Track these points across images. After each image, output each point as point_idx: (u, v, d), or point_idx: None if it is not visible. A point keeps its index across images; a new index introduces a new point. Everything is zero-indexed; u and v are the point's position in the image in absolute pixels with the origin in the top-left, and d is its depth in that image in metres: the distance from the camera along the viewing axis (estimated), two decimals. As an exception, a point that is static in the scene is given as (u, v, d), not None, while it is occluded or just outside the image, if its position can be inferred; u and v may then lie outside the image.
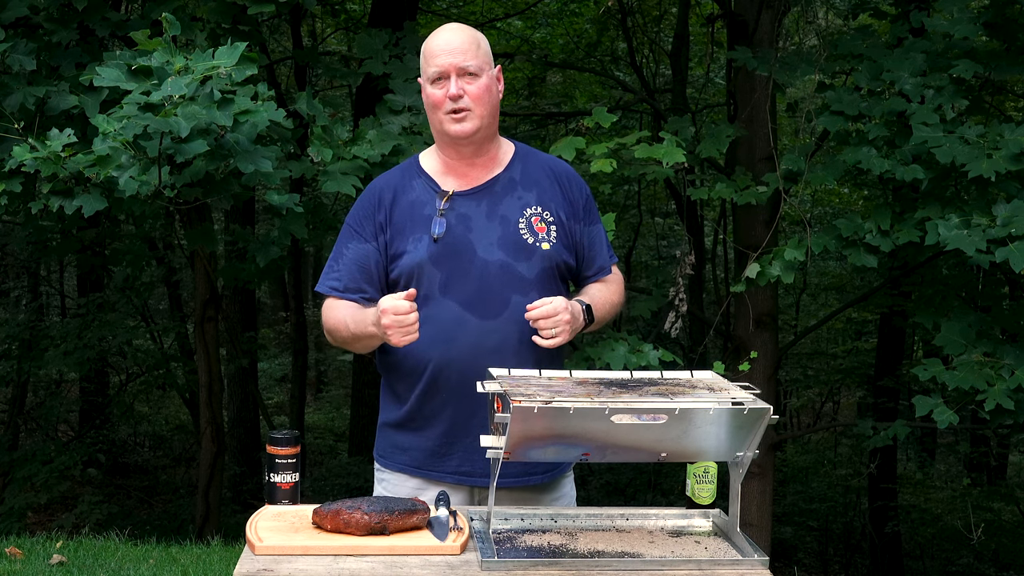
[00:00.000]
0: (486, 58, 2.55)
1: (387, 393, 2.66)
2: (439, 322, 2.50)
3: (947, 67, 5.07)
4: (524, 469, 2.56)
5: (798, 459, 13.07)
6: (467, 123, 2.52)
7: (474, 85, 2.51)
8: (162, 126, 3.87)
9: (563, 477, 2.69)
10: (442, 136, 2.58)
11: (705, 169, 6.46)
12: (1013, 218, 4.67)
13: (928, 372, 5.02)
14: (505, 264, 2.53)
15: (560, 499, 2.68)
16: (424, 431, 2.58)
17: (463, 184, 2.59)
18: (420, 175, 2.63)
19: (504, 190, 2.60)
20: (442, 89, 2.51)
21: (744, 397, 2.16)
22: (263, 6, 4.77)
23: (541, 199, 2.60)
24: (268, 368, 15.05)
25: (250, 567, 2.07)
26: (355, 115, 8.01)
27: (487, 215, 2.56)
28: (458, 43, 2.52)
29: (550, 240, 2.57)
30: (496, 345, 2.49)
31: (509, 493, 2.56)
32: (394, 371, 2.61)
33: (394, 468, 2.64)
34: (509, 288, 2.51)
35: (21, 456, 9.58)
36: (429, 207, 2.56)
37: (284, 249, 5.31)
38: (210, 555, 5.51)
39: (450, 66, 2.50)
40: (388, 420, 2.65)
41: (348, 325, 2.54)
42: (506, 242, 2.55)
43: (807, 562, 11.07)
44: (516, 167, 2.64)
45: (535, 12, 10.78)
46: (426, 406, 2.56)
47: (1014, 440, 12.02)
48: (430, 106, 2.56)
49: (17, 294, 12.56)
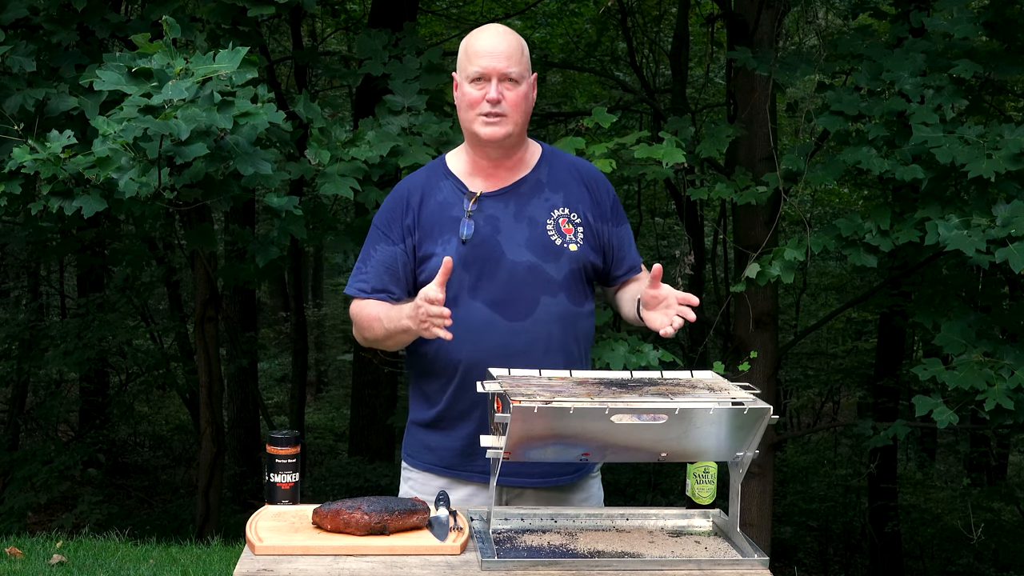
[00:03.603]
0: (527, 65, 2.56)
1: (416, 393, 2.67)
2: (468, 323, 2.50)
3: (947, 67, 5.07)
4: (551, 469, 2.56)
5: (798, 459, 13.07)
6: (500, 128, 2.51)
7: (513, 92, 2.51)
8: (162, 129, 3.87)
9: (590, 478, 2.68)
10: (472, 136, 2.57)
11: (705, 169, 6.47)
12: (1013, 218, 4.67)
13: (928, 372, 5.02)
14: (533, 265, 2.53)
15: (588, 500, 2.67)
16: (453, 431, 2.58)
17: (491, 185, 2.59)
18: (447, 176, 2.62)
19: (531, 191, 2.60)
20: (481, 90, 2.50)
21: (744, 397, 2.16)
22: (263, 8, 4.77)
23: (568, 200, 2.61)
24: (268, 368, 15.05)
25: (250, 567, 2.07)
26: (355, 115, 8.01)
27: (515, 216, 2.57)
28: (504, 47, 2.51)
29: (577, 241, 2.58)
30: (525, 346, 2.50)
31: (536, 493, 2.58)
32: (424, 372, 2.62)
33: (422, 467, 2.65)
34: (537, 289, 2.52)
35: (21, 456, 9.58)
36: (457, 208, 2.57)
37: (283, 250, 5.31)
38: (210, 555, 5.51)
39: (493, 69, 2.49)
40: (417, 419, 2.66)
41: (382, 321, 2.54)
42: (534, 243, 2.55)
43: (807, 562, 11.07)
44: (543, 169, 2.64)
45: (535, 12, 10.78)
46: (455, 406, 2.56)
47: (1014, 440, 12.01)
48: (464, 104, 2.54)
49: (17, 294, 12.56)
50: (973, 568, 10.59)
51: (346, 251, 5.38)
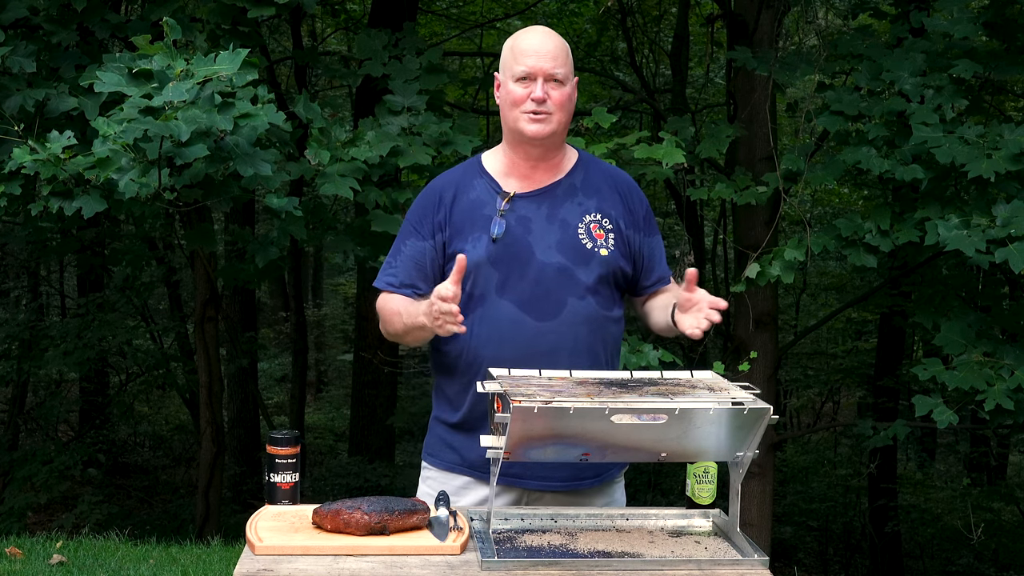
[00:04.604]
0: (571, 68, 2.58)
1: (439, 392, 2.67)
2: (495, 322, 2.51)
3: (947, 67, 5.07)
4: (573, 473, 2.56)
5: (798, 459, 13.07)
6: (545, 125, 2.53)
7: (558, 92, 2.53)
8: (162, 130, 3.87)
9: (614, 482, 2.68)
10: (515, 134, 2.57)
11: (705, 169, 6.47)
12: (1013, 218, 4.67)
13: (928, 372, 5.02)
14: (563, 267, 2.54)
15: (611, 504, 2.66)
16: (477, 431, 2.56)
17: (525, 186, 2.60)
18: (482, 175, 2.63)
19: (565, 195, 2.61)
20: (526, 89, 2.52)
21: (744, 397, 2.16)
22: (263, 8, 4.77)
23: (601, 207, 2.62)
24: (268, 368, 15.04)
25: (250, 567, 2.07)
26: (355, 115, 8.01)
27: (547, 218, 2.57)
28: (551, 47, 2.53)
29: (608, 247, 2.58)
30: (551, 347, 2.49)
31: (556, 496, 2.57)
32: (448, 370, 2.61)
33: (442, 466, 2.64)
34: (566, 291, 2.52)
35: (21, 456, 9.58)
36: (489, 207, 2.57)
37: (283, 250, 5.31)
38: (210, 555, 5.52)
39: (540, 69, 2.51)
40: (441, 418, 2.66)
41: (401, 316, 2.55)
42: (565, 246, 2.55)
43: (807, 562, 11.07)
44: (578, 174, 2.65)
45: (535, 12, 10.78)
46: (479, 406, 2.55)
47: (1014, 440, 12.02)
48: (508, 102, 2.55)
49: (17, 294, 12.56)
50: (973, 568, 10.59)
51: (346, 251, 5.38)
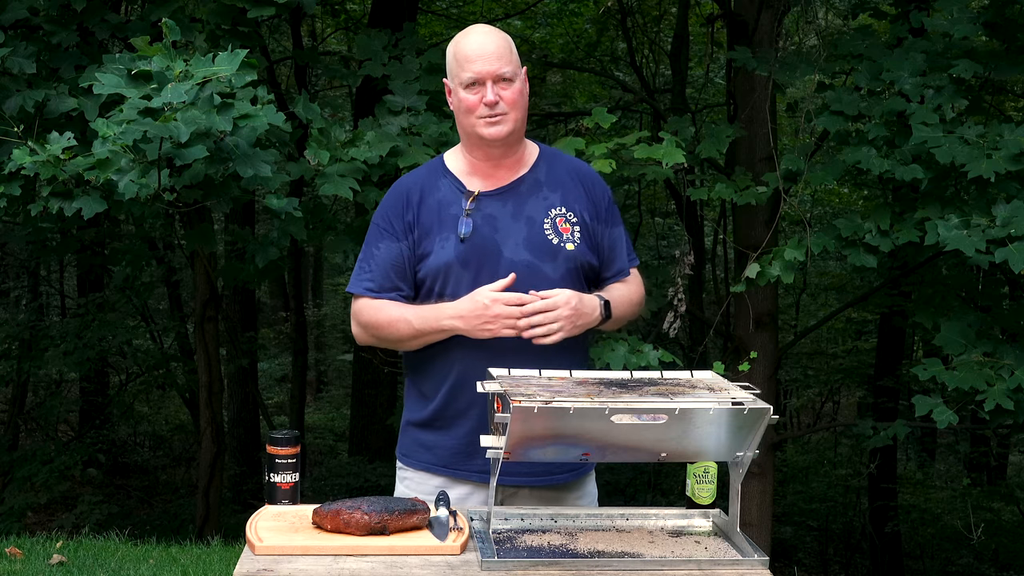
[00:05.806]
0: (518, 61, 2.57)
1: (413, 392, 2.67)
2: None
3: (947, 67, 5.06)
4: (548, 468, 2.56)
5: (798, 459, 13.07)
6: (502, 126, 2.53)
7: (509, 90, 2.52)
8: (162, 131, 3.87)
9: (587, 476, 2.69)
10: (473, 139, 2.58)
11: (705, 169, 6.46)
12: (1013, 218, 4.67)
13: (928, 372, 5.01)
14: (531, 264, 2.54)
15: (583, 498, 2.68)
16: (450, 430, 2.59)
17: (489, 184, 2.60)
18: (446, 175, 2.63)
19: (529, 191, 2.61)
20: (477, 95, 2.51)
21: (744, 397, 2.16)
22: (263, 8, 4.77)
23: (566, 200, 2.62)
24: (268, 368, 15.04)
25: (250, 567, 2.07)
26: (355, 115, 8.01)
27: (513, 215, 2.58)
28: (493, 48, 2.52)
29: (574, 241, 2.59)
30: (522, 345, 2.49)
31: (532, 492, 2.58)
32: (421, 370, 2.62)
33: (418, 467, 2.65)
34: (534, 288, 2.51)
35: (21, 456, 9.58)
36: (455, 207, 2.57)
37: (283, 250, 5.31)
38: (210, 555, 5.52)
39: (487, 72, 2.50)
40: (413, 419, 2.66)
41: (411, 322, 2.54)
42: (532, 242, 2.56)
43: (807, 562, 11.07)
44: (541, 168, 2.65)
45: (535, 12, 10.78)
46: (452, 405, 2.57)
47: (1014, 440, 12.02)
48: (463, 110, 2.55)
49: (17, 294, 12.56)
50: (973, 568, 10.58)
51: (346, 251, 5.38)
